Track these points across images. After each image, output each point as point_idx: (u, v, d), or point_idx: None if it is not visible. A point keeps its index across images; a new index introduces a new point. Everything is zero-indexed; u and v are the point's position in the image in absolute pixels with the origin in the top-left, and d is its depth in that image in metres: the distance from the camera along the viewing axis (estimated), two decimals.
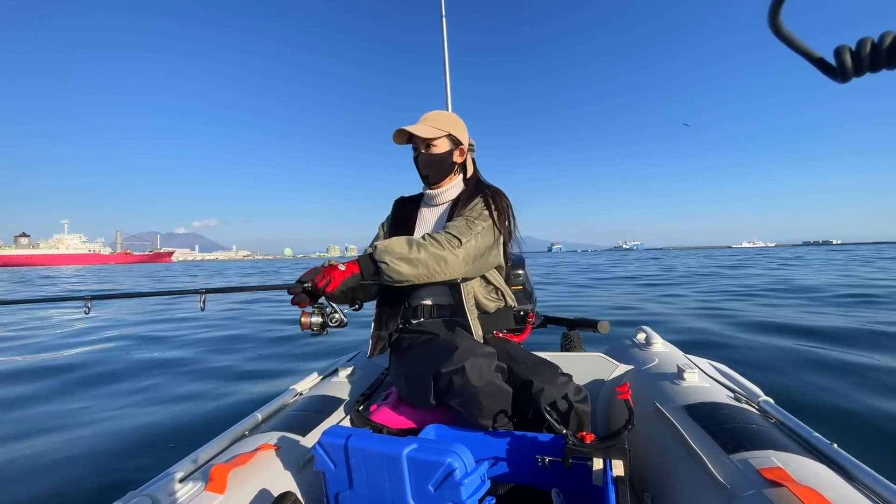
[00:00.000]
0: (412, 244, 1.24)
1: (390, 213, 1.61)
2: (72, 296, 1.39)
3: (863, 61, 0.36)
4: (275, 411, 1.31)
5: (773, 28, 0.38)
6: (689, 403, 1.20)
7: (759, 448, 0.93)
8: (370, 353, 1.44)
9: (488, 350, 1.17)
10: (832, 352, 3.65)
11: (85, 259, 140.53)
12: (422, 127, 1.40)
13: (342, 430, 0.93)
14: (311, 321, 1.24)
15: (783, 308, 6.30)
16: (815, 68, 0.39)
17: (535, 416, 1.13)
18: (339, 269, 1.22)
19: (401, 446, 0.85)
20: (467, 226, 1.31)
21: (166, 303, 8.88)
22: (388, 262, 1.21)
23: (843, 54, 0.37)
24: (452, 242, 1.26)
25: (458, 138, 1.44)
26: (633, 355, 1.71)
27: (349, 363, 1.69)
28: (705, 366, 1.53)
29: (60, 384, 3.36)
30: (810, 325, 4.81)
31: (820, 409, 2.48)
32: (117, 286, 15.75)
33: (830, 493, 0.76)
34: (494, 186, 1.48)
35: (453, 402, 1.14)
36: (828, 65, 0.38)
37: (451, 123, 1.44)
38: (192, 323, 6.44)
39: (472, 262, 1.30)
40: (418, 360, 1.25)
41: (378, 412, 1.30)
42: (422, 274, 1.24)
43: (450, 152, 1.44)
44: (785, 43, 0.39)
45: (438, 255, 1.24)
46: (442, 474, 0.80)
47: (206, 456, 1.02)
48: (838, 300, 6.90)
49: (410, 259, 1.22)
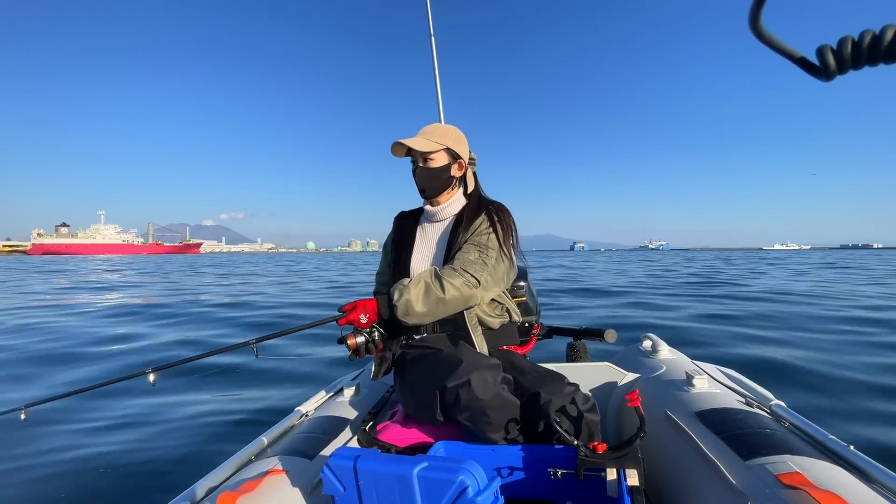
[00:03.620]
0: (432, 300, 1.25)
1: (391, 231, 1.60)
2: (137, 373, 1.42)
3: (845, 60, 0.37)
4: (280, 434, 1.29)
5: (754, 31, 0.39)
6: (700, 410, 1.18)
7: (775, 453, 0.92)
8: (374, 375, 1.43)
9: (493, 362, 1.17)
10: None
11: (119, 249, 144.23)
12: (419, 140, 1.41)
13: (350, 452, 0.92)
14: (357, 341, 1.33)
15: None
16: (799, 68, 0.40)
17: (545, 428, 1.12)
18: (361, 322, 1.30)
19: (411, 465, 0.83)
20: (482, 260, 1.32)
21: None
22: (412, 322, 1.29)
23: (825, 53, 0.38)
24: (471, 283, 1.28)
25: (456, 152, 1.43)
26: (640, 363, 1.70)
27: (353, 381, 1.67)
28: (714, 371, 1.52)
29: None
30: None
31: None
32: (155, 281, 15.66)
33: (851, 497, 0.74)
34: (497, 202, 1.47)
35: (461, 416, 1.13)
36: (811, 64, 0.39)
37: (449, 137, 1.43)
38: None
39: (491, 291, 1.35)
40: (423, 375, 1.24)
41: (385, 431, 1.28)
42: (445, 315, 1.32)
43: (447, 166, 1.43)
44: (767, 45, 0.40)
45: (461, 300, 1.28)
46: (454, 492, 0.79)
47: (212, 483, 1.00)
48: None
49: (435, 314, 1.29)
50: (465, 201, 1.50)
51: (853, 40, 0.37)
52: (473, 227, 1.39)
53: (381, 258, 1.60)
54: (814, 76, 0.40)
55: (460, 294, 1.26)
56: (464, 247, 1.35)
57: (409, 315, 1.26)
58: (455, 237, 1.39)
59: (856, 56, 0.37)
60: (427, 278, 1.27)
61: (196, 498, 0.94)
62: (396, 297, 1.26)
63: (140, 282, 15.21)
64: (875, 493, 0.79)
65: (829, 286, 11.00)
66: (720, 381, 1.40)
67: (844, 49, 0.37)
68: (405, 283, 1.29)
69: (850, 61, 0.37)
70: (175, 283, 14.70)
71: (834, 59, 0.38)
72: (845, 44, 0.37)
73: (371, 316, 1.30)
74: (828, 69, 0.38)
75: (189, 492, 0.95)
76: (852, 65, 0.37)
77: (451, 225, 1.45)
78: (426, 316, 1.27)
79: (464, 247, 1.35)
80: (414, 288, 1.26)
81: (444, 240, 1.45)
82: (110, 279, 16.66)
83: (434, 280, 1.26)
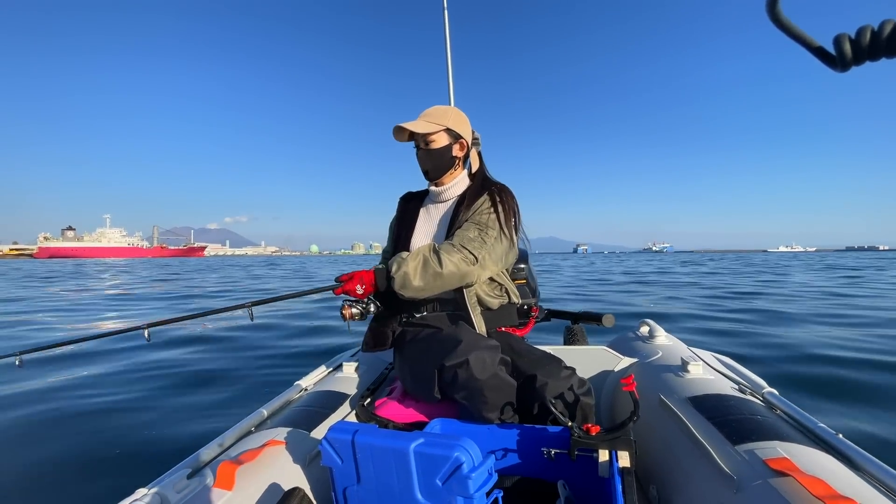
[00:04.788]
0: (429, 273, 1.25)
1: (396, 211, 1.60)
2: (130, 327, 1.46)
3: (862, 49, 0.36)
4: (280, 407, 1.32)
5: (772, 16, 0.38)
6: (693, 395, 1.20)
7: (765, 439, 0.93)
8: (364, 347, 1.46)
9: (492, 343, 1.18)
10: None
11: (125, 252, 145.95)
12: (418, 123, 1.40)
13: (348, 426, 0.94)
14: (353, 312, 1.36)
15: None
16: (815, 57, 0.39)
17: (540, 409, 1.13)
18: (357, 293, 1.32)
19: (408, 441, 0.85)
20: (481, 238, 1.31)
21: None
22: (408, 294, 1.28)
23: (842, 43, 0.37)
24: (469, 259, 1.27)
25: (457, 132, 1.42)
26: (636, 348, 1.71)
27: (353, 358, 1.69)
28: (709, 358, 1.53)
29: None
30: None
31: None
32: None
33: (836, 483, 0.76)
34: (501, 184, 1.46)
35: (458, 395, 1.15)
36: (827, 53, 0.38)
37: (448, 117, 1.42)
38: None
39: (489, 270, 1.34)
40: (422, 353, 1.25)
41: (383, 407, 1.30)
42: (442, 290, 1.31)
43: (449, 146, 1.43)
44: (784, 31, 0.39)
45: (458, 276, 1.27)
46: (450, 468, 0.81)
47: (213, 452, 1.02)
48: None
49: (432, 288, 1.27)
50: (469, 182, 1.49)
51: (873, 30, 0.36)
52: (475, 206, 1.38)
53: (388, 237, 1.61)
54: (829, 66, 0.39)
55: (457, 269, 1.26)
56: (464, 225, 1.35)
57: (406, 287, 1.26)
58: (457, 216, 1.39)
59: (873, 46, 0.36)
60: (426, 252, 1.28)
61: (197, 466, 0.96)
62: (395, 269, 1.26)
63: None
64: (861, 479, 0.80)
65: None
66: (715, 368, 1.41)
67: (863, 38, 0.36)
68: (403, 255, 1.29)
69: (867, 51, 0.36)
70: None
71: (851, 49, 0.37)
72: (864, 33, 0.36)
73: (367, 287, 1.31)
74: (844, 58, 0.37)
75: (189, 460, 0.97)
76: (869, 55, 0.36)
77: (454, 205, 1.45)
78: (422, 290, 1.27)
79: (464, 225, 1.35)
80: (412, 261, 1.26)
81: (446, 219, 1.45)
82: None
83: (432, 255, 1.26)
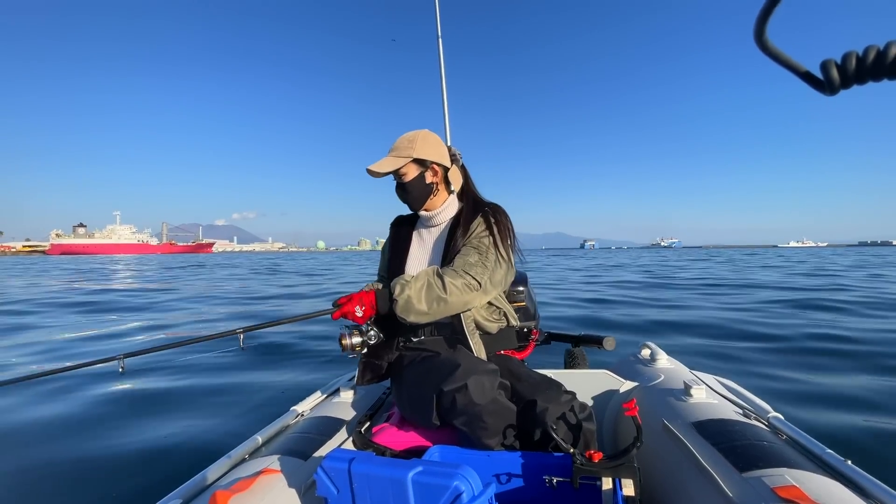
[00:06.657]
0: (433, 298, 1.23)
1: (388, 237, 1.59)
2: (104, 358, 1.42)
3: (849, 74, 0.38)
4: (275, 433, 1.29)
5: (759, 44, 0.40)
6: (697, 420, 1.18)
7: (772, 466, 0.91)
8: (358, 380, 1.41)
9: (491, 367, 1.16)
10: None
11: (134, 248, 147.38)
12: (384, 162, 1.38)
13: (344, 454, 0.91)
14: (353, 342, 1.28)
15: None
16: (803, 81, 0.41)
17: (541, 435, 1.11)
18: (357, 316, 1.26)
19: (405, 469, 0.83)
20: (482, 263, 1.30)
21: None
22: (410, 319, 1.25)
23: (829, 68, 0.38)
24: (472, 285, 1.26)
25: (425, 159, 1.38)
26: (638, 371, 1.69)
27: (350, 382, 1.66)
28: (712, 382, 1.51)
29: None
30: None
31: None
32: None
33: None
34: (494, 204, 1.46)
35: (457, 421, 1.12)
36: (815, 78, 0.40)
37: (414, 147, 1.37)
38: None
39: (490, 294, 1.33)
40: (420, 378, 1.23)
41: (381, 433, 1.27)
42: (444, 316, 1.29)
43: (421, 175, 1.39)
44: (772, 58, 0.41)
45: (462, 303, 1.27)
46: (449, 498, 0.78)
47: (206, 481, 0.99)
48: None
49: (436, 313, 1.26)
50: (459, 204, 1.48)
51: (857, 55, 0.37)
52: (471, 229, 1.37)
53: (381, 262, 1.60)
54: (818, 90, 0.40)
55: (461, 295, 1.25)
56: (462, 249, 1.34)
57: (409, 311, 1.23)
58: (452, 241, 1.38)
59: (860, 71, 0.37)
60: (430, 276, 1.26)
61: (189, 495, 0.93)
62: (398, 291, 1.24)
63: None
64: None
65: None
66: (718, 392, 1.39)
67: (849, 64, 0.37)
68: (406, 278, 1.27)
69: (854, 76, 0.38)
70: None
71: (838, 74, 0.38)
72: (849, 59, 0.37)
73: (367, 309, 1.27)
74: (832, 83, 0.38)
75: (181, 489, 0.95)
76: (856, 80, 0.38)
77: (447, 229, 1.44)
78: (426, 315, 1.24)
79: (462, 249, 1.34)
80: (416, 284, 1.24)
81: (440, 244, 1.44)
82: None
83: (436, 278, 1.25)
